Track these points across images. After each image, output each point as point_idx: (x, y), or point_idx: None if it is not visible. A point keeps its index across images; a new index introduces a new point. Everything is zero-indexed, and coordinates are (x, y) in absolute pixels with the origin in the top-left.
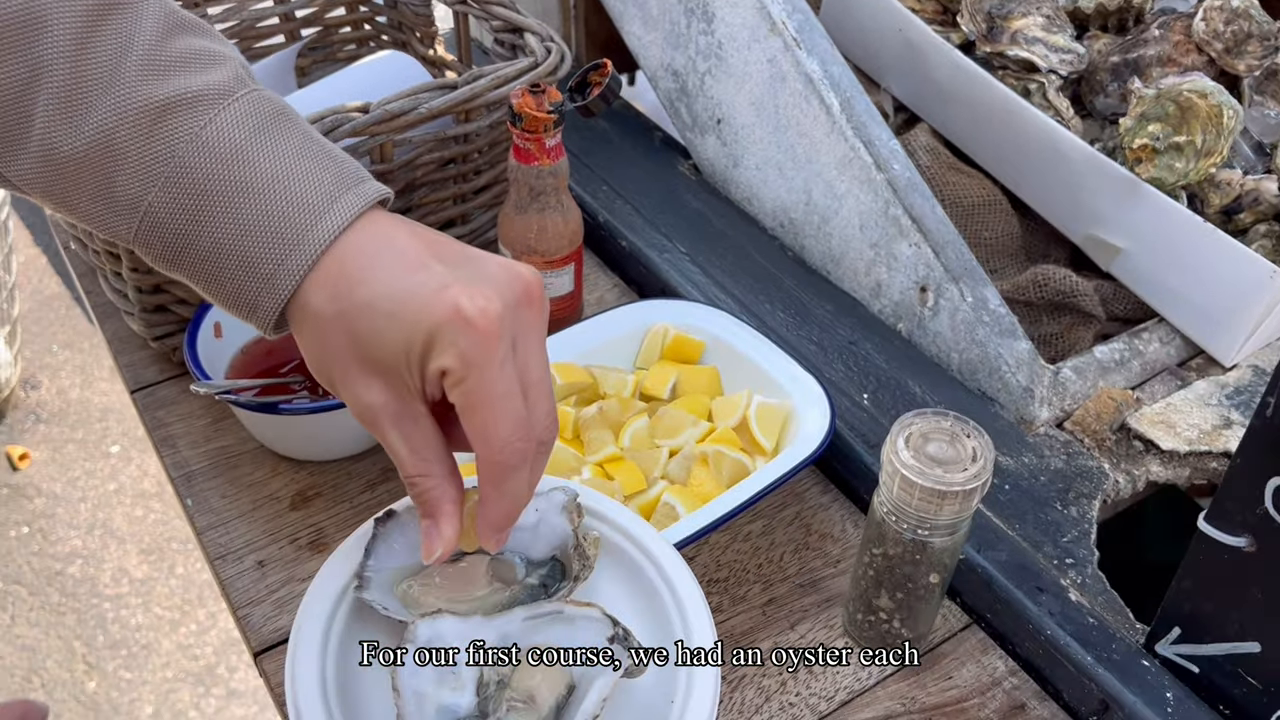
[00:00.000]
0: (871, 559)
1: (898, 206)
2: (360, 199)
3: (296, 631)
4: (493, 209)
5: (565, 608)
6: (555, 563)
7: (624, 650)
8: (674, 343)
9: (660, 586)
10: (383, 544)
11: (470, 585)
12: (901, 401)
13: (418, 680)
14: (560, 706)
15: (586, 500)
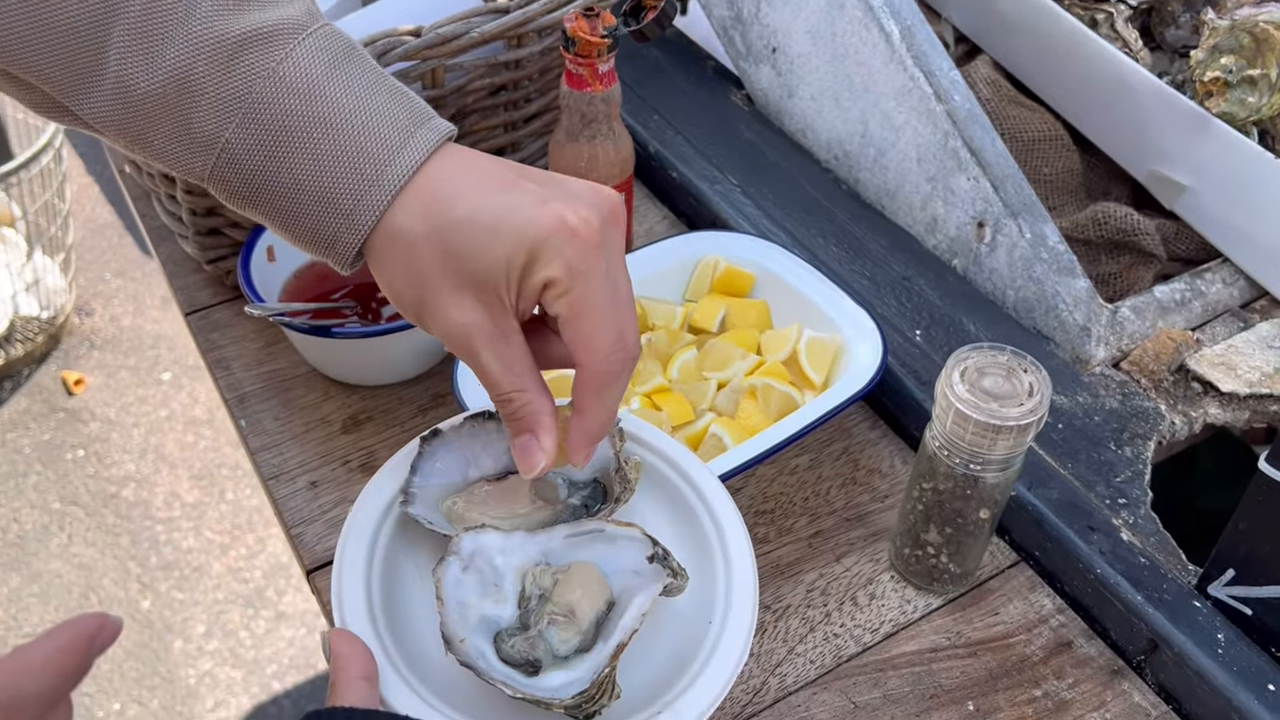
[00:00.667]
0: (921, 493)
1: (957, 139)
2: (435, 133)
3: (343, 544)
4: (543, 137)
5: (606, 526)
6: (597, 484)
7: (663, 569)
8: (724, 275)
9: (700, 511)
10: (428, 461)
11: (514, 503)
12: (955, 338)
13: (461, 591)
14: (600, 621)
15: (629, 426)
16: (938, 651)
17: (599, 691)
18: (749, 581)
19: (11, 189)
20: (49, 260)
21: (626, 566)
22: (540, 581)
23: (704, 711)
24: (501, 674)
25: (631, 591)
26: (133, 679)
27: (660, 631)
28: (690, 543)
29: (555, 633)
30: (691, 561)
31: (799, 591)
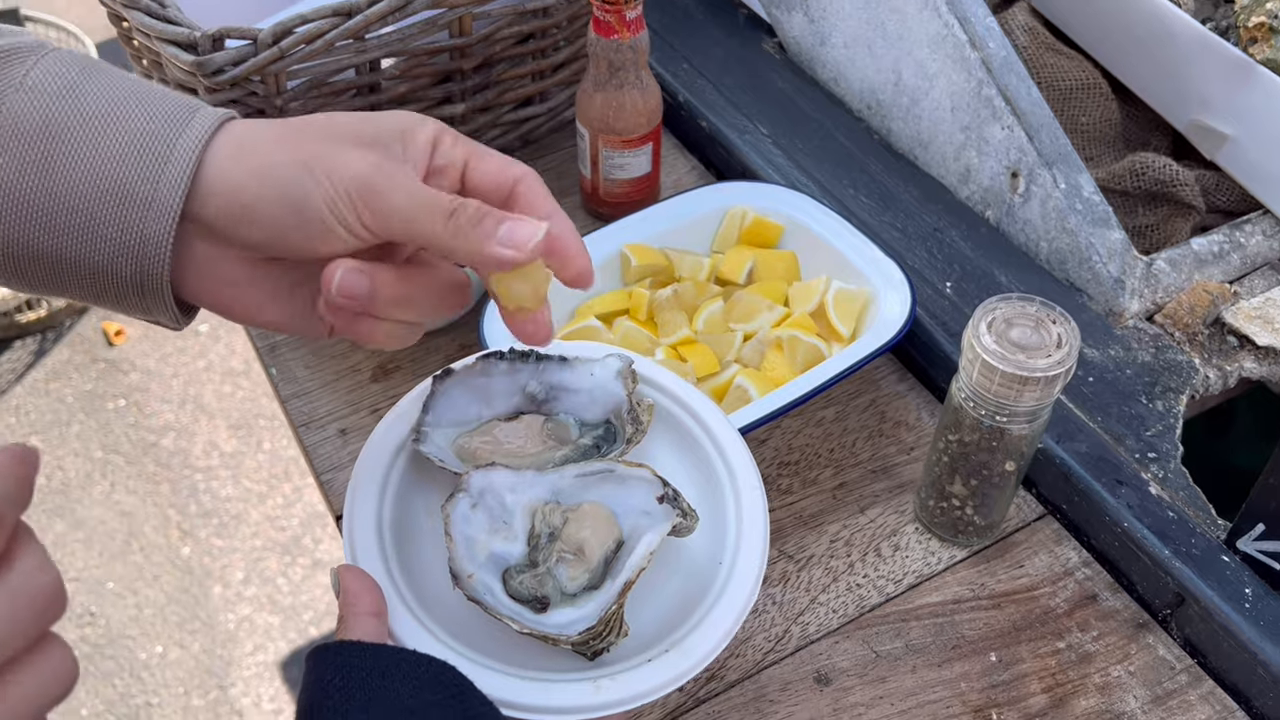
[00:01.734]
0: (947, 445)
1: (991, 87)
2: (215, 114)
3: (354, 481)
4: (571, 87)
5: (617, 466)
6: (609, 425)
7: (673, 509)
8: (752, 226)
9: (713, 454)
10: (441, 401)
11: (525, 442)
12: (986, 290)
13: (470, 527)
14: (608, 560)
15: (643, 368)
16: (961, 603)
17: (606, 629)
18: (759, 524)
19: None
20: None
21: (636, 506)
22: (550, 520)
23: (711, 650)
24: (509, 610)
25: (641, 531)
26: (174, 623)
27: (670, 572)
28: (702, 485)
29: (564, 570)
30: (703, 503)
31: (822, 542)
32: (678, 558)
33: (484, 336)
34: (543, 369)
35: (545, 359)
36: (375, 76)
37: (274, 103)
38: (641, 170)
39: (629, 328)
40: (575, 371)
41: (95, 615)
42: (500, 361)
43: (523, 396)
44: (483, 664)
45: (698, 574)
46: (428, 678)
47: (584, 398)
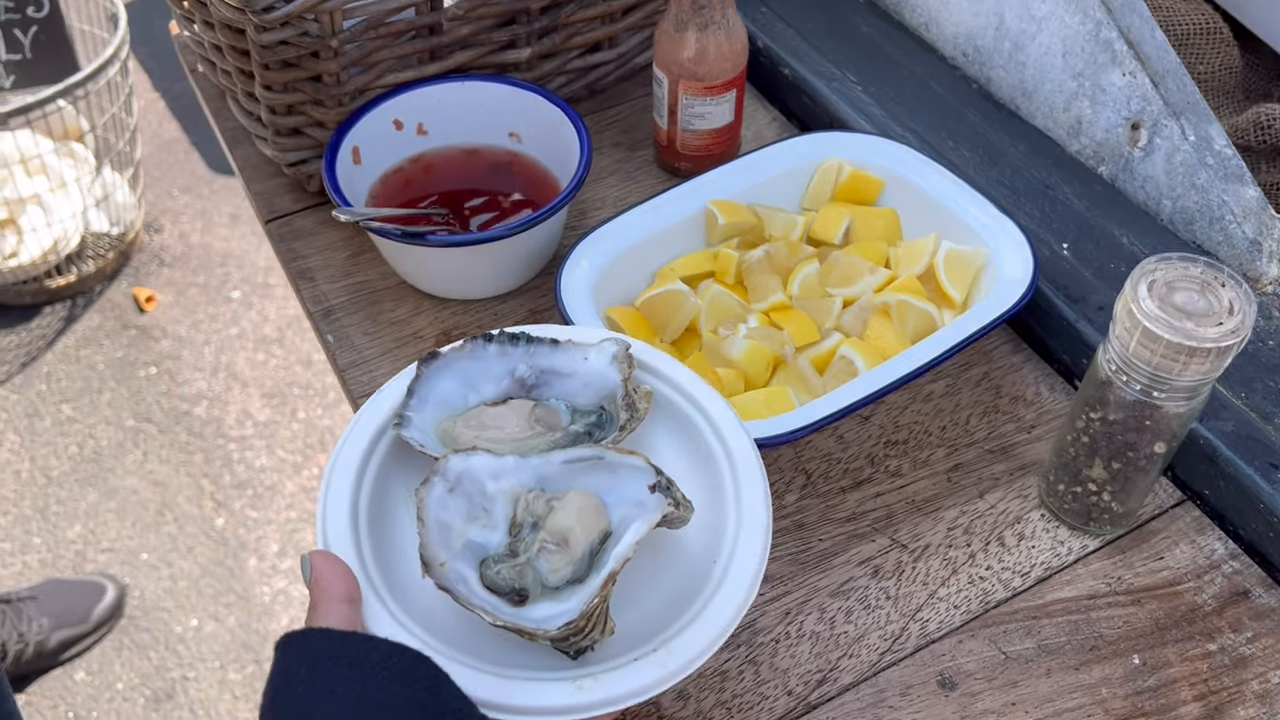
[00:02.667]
0: (1088, 423)
1: (1112, 29)
2: None
3: (331, 464)
4: (643, 30)
5: (606, 453)
6: (603, 412)
7: (665, 499)
8: (849, 181)
9: (714, 446)
10: (425, 384)
11: (512, 428)
12: (1107, 252)
13: (446, 513)
14: (594, 552)
15: (642, 354)
16: (1096, 598)
17: (588, 624)
18: (760, 519)
19: (79, 102)
20: (117, 176)
21: (627, 496)
22: (533, 508)
23: (701, 652)
24: (482, 601)
25: (630, 522)
26: (209, 595)
27: (662, 568)
28: (701, 477)
29: (545, 561)
30: (701, 496)
31: (939, 530)
32: (671, 552)
33: (564, 309)
34: (533, 352)
35: (536, 342)
36: (436, 16)
37: (328, 44)
38: (723, 120)
39: (717, 291)
40: (568, 355)
41: (130, 587)
42: (489, 344)
43: (512, 381)
44: (457, 659)
45: (692, 570)
46: (400, 669)
47: (577, 383)
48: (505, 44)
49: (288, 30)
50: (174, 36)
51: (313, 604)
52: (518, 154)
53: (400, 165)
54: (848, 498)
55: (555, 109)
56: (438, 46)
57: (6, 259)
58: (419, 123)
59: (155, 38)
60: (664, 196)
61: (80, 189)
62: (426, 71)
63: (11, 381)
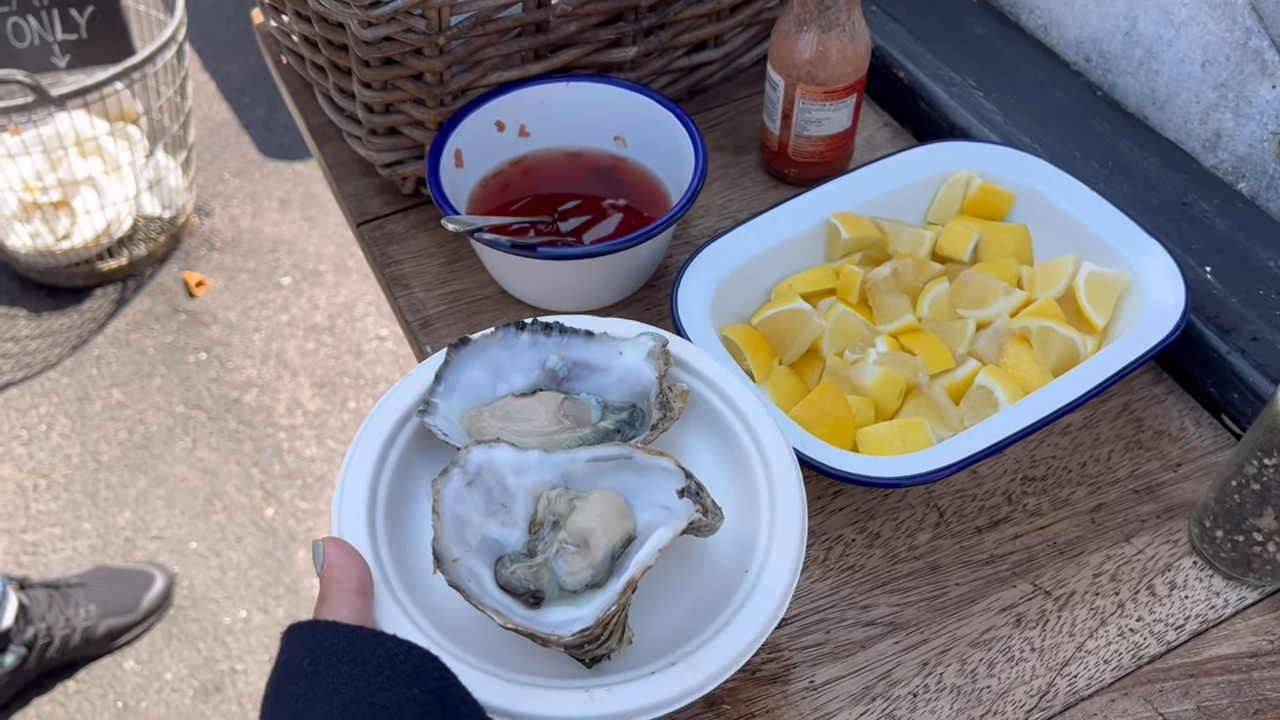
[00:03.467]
0: (1260, 469)
1: (1263, 37)
2: None
3: (351, 451)
4: (750, 29)
5: (635, 453)
6: (635, 410)
7: (694, 504)
8: (978, 194)
9: (750, 450)
10: (454, 371)
11: (539, 421)
12: (1253, 277)
13: (463, 506)
14: (615, 556)
15: (680, 350)
16: (1259, 657)
17: (605, 632)
18: (795, 531)
19: (134, 84)
20: (170, 159)
21: (655, 499)
22: (555, 506)
23: (724, 669)
24: (495, 601)
25: (655, 526)
26: (258, 587)
27: (687, 577)
28: (735, 482)
29: (564, 563)
30: (733, 503)
31: (1084, 576)
32: (698, 560)
33: (680, 324)
34: (566, 343)
35: (570, 333)
36: (544, 13)
37: (435, 40)
38: (840, 126)
39: (842, 312)
40: (603, 348)
41: (179, 576)
42: (522, 333)
43: (543, 372)
44: (466, 661)
45: (720, 581)
46: (406, 669)
47: (610, 377)
48: (611, 42)
49: (393, 26)
50: (257, 26)
51: (322, 593)
52: (623, 159)
53: (500, 168)
54: (985, 538)
55: (666, 112)
56: (542, 45)
57: (59, 240)
58: (521, 124)
59: (206, 19)
60: (783, 208)
61: (134, 172)
62: (530, 71)
63: (63, 364)
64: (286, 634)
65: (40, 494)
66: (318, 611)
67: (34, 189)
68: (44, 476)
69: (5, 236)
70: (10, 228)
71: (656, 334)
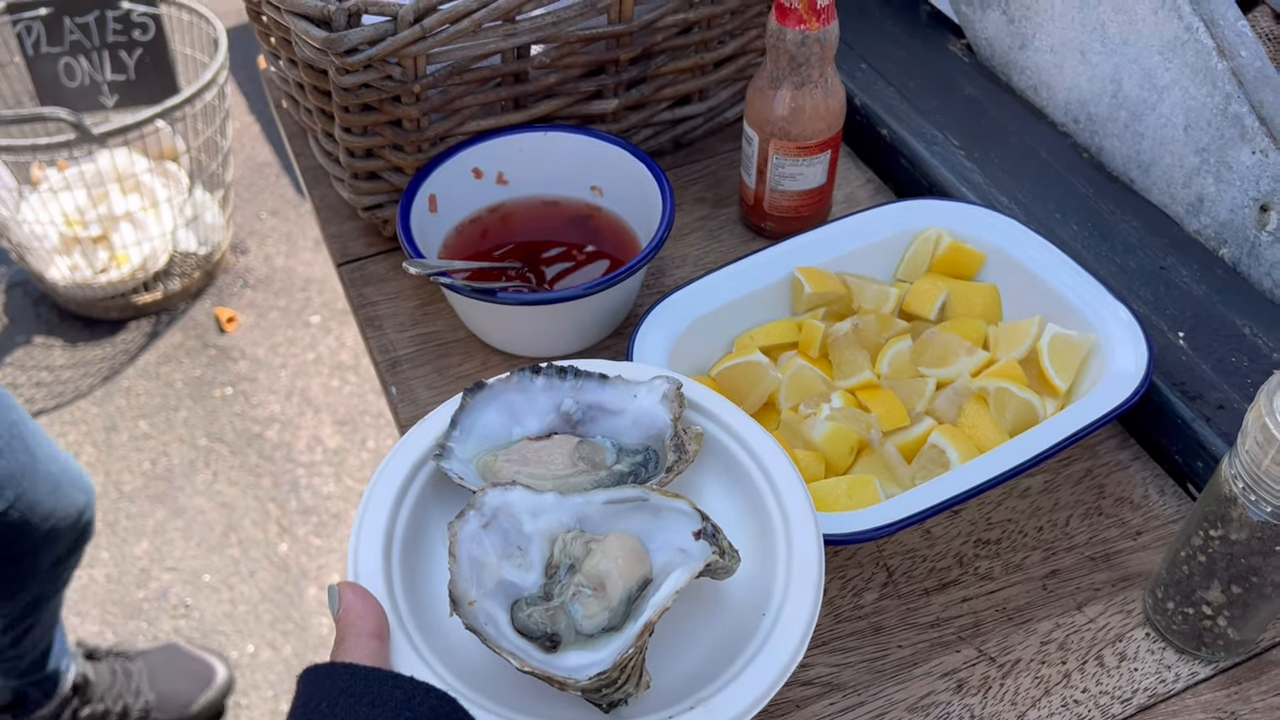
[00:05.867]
0: (1206, 541)
1: (1243, 103)
2: None
3: (368, 494)
4: (734, 84)
5: (651, 495)
6: (650, 452)
7: (710, 547)
8: (948, 253)
9: (766, 493)
10: (470, 415)
11: (554, 464)
12: (1227, 344)
13: (479, 549)
14: (631, 599)
15: (694, 393)
16: None
17: (622, 676)
18: (813, 573)
19: (176, 123)
20: (208, 197)
21: (671, 542)
22: (571, 549)
23: (743, 713)
24: (511, 644)
25: (671, 569)
26: (267, 622)
27: (706, 619)
28: (751, 525)
29: (580, 606)
30: (749, 545)
31: (1031, 644)
32: (715, 603)
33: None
34: (581, 387)
35: (585, 376)
36: (522, 64)
37: (411, 88)
38: (815, 182)
39: (799, 366)
40: (617, 391)
41: (190, 607)
42: (537, 377)
43: (558, 415)
44: (482, 705)
45: (737, 624)
46: (424, 711)
47: (624, 420)
48: (592, 94)
49: (370, 73)
50: (261, 71)
51: (339, 636)
52: (599, 208)
53: (478, 214)
54: (932, 600)
55: (640, 164)
56: (522, 95)
57: (98, 274)
58: (499, 172)
59: (254, 63)
60: (748, 260)
61: (172, 208)
62: (509, 120)
63: (93, 394)
64: (303, 676)
65: None
66: (335, 654)
67: (75, 224)
68: None
69: (45, 269)
70: (51, 260)
71: (671, 377)
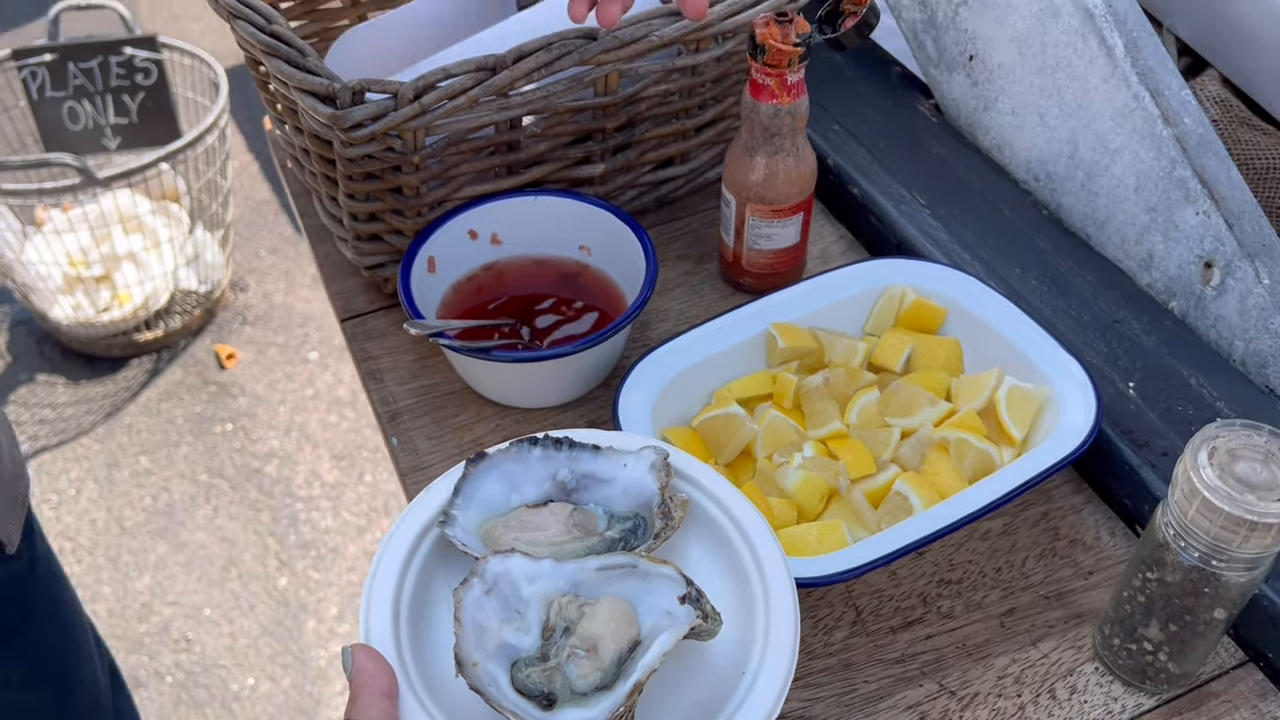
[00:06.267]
0: (1144, 583)
1: (1186, 167)
2: None
3: (378, 560)
4: (715, 147)
5: (640, 562)
6: (639, 519)
7: (695, 610)
8: (912, 308)
9: (746, 557)
10: (471, 484)
11: (550, 531)
12: (1174, 393)
13: (481, 614)
14: (621, 659)
15: (680, 462)
16: None
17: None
18: (788, 632)
19: (178, 165)
20: (209, 236)
21: (658, 605)
22: (566, 613)
23: None
24: (512, 704)
25: (659, 631)
26: (267, 655)
27: (690, 678)
28: (732, 587)
29: (574, 667)
30: (731, 608)
31: (988, 678)
32: (700, 662)
33: (619, 422)
34: (575, 457)
35: (579, 447)
36: (515, 134)
37: (411, 159)
38: (789, 241)
39: (774, 417)
40: (608, 461)
41: (191, 642)
42: (534, 448)
43: (553, 484)
44: None
45: (719, 681)
46: None
47: (615, 489)
48: (580, 159)
49: (373, 145)
50: (267, 132)
51: (352, 696)
52: (587, 266)
53: (474, 272)
54: (898, 638)
55: (624, 226)
56: (515, 162)
57: (100, 313)
58: (493, 233)
59: (254, 102)
60: (727, 317)
61: (173, 248)
62: (503, 185)
63: (95, 431)
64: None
65: (65, 557)
66: (348, 712)
67: (78, 264)
68: (70, 540)
69: (49, 308)
70: (54, 300)
71: (659, 447)
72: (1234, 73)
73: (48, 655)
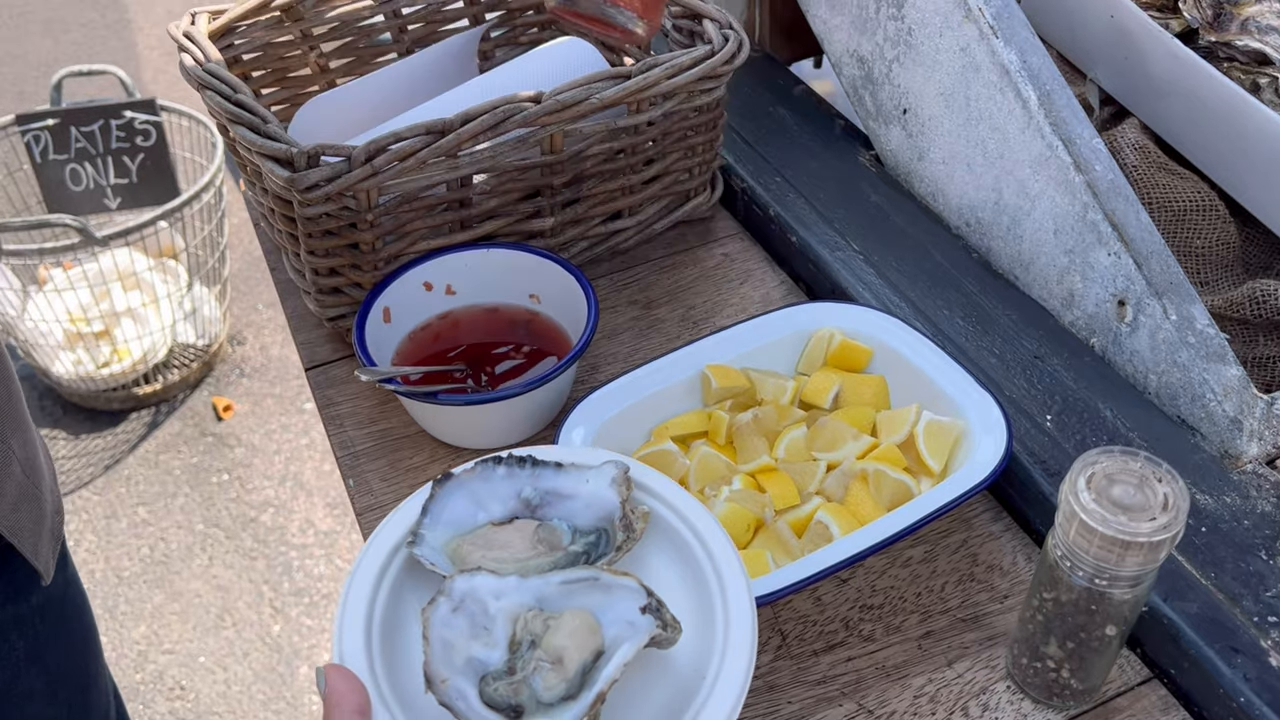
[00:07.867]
0: (1041, 603)
1: (1097, 211)
2: None
3: (349, 582)
4: (662, 200)
5: (602, 574)
6: (602, 533)
7: (655, 620)
8: (839, 349)
9: (706, 566)
10: (438, 504)
11: (516, 548)
12: (1088, 425)
13: (449, 631)
14: (586, 670)
15: (640, 475)
16: None
17: None
18: (746, 638)
19: (176, 223)
20: (206, 291)
21: (621, 616)
22: (531, 627)
23: None
24: (480, 717)
25: (622, 641)
26: (260, 701)
27: (652, 685)
28: (692, 597)
29: (540, 679)
30: (691, 616)
31: (905, 698)
32: (662, 670)
33: None
34: (539, 474)
35: (542, 465)
36: (465, 192)
37: (365, 217)
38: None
39: (706, 452)
40: (571, 477)
41: (186, 690)
42: (498, 466)
43: (518, 501)
44: None
45: (681, 687)
46: None
47: (578, 504)
48: (531, 214)
49: (329, 205)
50: (242, 192)
51: (325, 714)
52: (537, 313)
53: (429, 322)
54: (820, 660)
55: (570, 277)
56: (466, 217)
57: (101, 367)
58: (447, 284)
59: None
60: (663, 360)
61: (172, 303)
62: (456, 239)
63: (94, 483)
64: None
65: None
66: None
67: (79, 320)
68: None
69: (50, 364)
70: (55, 356)
71: (619, 461)
72: (1151, 120)
73: (70, 675)
